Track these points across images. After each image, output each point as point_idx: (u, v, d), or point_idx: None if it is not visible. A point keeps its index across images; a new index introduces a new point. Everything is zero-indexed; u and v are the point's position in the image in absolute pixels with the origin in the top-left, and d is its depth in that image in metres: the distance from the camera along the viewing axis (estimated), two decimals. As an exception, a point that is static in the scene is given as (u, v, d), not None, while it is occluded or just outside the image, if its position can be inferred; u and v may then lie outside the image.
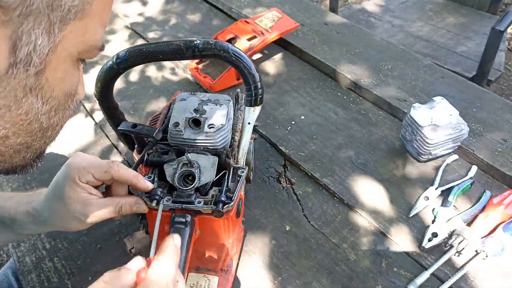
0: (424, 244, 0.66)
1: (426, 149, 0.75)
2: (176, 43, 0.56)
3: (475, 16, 1.77)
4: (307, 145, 0.85)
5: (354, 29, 1.15)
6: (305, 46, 1.08)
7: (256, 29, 1.02)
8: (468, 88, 0.94)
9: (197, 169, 0.55)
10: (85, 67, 1.13)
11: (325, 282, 0.64)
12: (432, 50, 1.59)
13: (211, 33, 1.18)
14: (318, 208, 0.74)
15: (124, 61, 0.57)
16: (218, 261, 0.61)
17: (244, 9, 1.23)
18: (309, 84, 1.00)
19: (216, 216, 0.53)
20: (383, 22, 1.78)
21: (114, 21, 1.31)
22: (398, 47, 1.08)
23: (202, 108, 0.61)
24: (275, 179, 0.79)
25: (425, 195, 0.73)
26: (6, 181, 0.85)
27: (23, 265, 0.69)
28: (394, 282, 0.63)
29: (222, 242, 0.58)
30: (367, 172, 0.79)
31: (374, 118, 0.90)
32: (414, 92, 0.93)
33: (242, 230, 0.69)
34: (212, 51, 0.56)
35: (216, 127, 0.58)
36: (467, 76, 1.43)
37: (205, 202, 0.53)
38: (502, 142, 0.81)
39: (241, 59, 0.56)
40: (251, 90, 0.59)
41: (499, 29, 1.30)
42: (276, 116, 0.92)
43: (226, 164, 0.59)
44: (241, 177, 0.57)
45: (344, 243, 0.69)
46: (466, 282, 0.62)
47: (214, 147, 0.59)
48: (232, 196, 0.54)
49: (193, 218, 0.53)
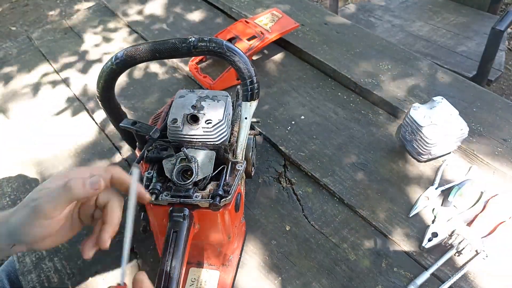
0: (424, 244, 0.66)
1: (426, 149, 0.75)
2: (171, 41, 0.57)
3: (475, 16, 1.77)
4: (307, 145, 0.85)
5: (354, 29, 1.15)
6: (305, 46, 1.08)
7: (256, 29, 1.02)
8: (468, 88, 0.94)
9: (195, 164, 0.56)
10: (86, 67, 1.14)
11: (325, 282, 0.64)
12: (432, 50, 1.59)
13: (211, 33, 1.18)
14: (318, 208, 0.74)
15: (122, 61, 0.58)
16: (219, 256, 0.62)
17: (244, 9, 1.23)
18: (309, 84, 1.00)
19: (213, 210, 0.54)
20: (383, 22, 1.78)
21: (114, 20, 1.31)
22: (398, 47, 1.08)
23: (200, 104, 0.61)
24: (275, 179, 0.79)
25: (425, 195, 0.73)
26: (6, 181, 0.85)
27: (23, 265, 0.69)
28: (394, 282, 0.63)
29: (222, 237, 0.58)
30: (367, 172, 0.79)
31: (374, 118, 0.90)
32: (414, 92, 0.93)
33: (243, 226, 0.69)
34: (206, 47, 0.56)
35: (214, 122, 0.59)
36: (467, 76, 1.43)
37: (202, 196, 0.54)
38: (502, 142, 0.81)
39: (235, 54, 0.57)
40: (246, 85, 0.59)
41: (499, 29, 1.30)
42: (276, 116, 0.92)
43: (225, 159, 0.59)
44: (239, 171, 0.58)
45: (344, 243, 0.69)
46: (466, 282, 0.62)
47: (212, 142, 0.60)
48: (230, 190, 0.55)
49: (191, 212, 0.54)
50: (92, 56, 1.18)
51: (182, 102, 0.62)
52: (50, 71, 1.14)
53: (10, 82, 1.12)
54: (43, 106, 1.03)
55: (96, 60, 1.16)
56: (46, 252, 0.71)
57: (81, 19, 1.34)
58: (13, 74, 1.14)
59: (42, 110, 1.02)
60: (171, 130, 0.60)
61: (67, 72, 1.13)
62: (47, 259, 0.70)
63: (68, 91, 1.07)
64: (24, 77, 1.13)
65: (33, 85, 1.10)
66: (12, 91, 1.09)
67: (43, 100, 1.05)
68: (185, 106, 0.61)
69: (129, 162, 0.85)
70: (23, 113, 1.02)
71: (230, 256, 0.65)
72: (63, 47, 1.22)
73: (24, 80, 1.12)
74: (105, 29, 1.28)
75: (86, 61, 1.16)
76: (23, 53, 1.22)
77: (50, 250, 0.71)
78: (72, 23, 1.32)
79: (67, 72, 1.13)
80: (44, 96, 1.06)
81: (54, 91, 1.07)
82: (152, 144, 0.61)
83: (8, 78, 1.13)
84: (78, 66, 1.15)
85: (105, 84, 0.62)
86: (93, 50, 1.20)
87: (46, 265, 0.69)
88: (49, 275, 0.68)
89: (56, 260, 0.70)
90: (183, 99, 0.62)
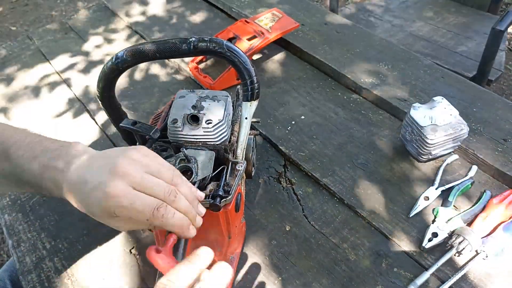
0: (424, 244, 0.66)
1: (426, 149, 0.75)
2: (172, 41, 0.57)
3: (475, 16, 1.77)
4: (307, 145, 0.85)
5: (354, 29, 1.15)
6: (305, 46, 1.08)
7: (256, 29, 1.02)
8: (468, 88, 0.94)
9: (195, 164, 0.56)
10: (87, 67, 1.14)
11: (325, 282, 0.64)
12: (432, 50, 1.59)
13: (212, 33, 1.18)
14: (318, 208, 0.74)
15: (122, 61, 0.58)
16: (219, 256, 0.62)
17: (244, 9, 1.23)
18: (309, 84, 1.00)
19: (214, 210, 0.54)
20: (383, 22, 1.78)
21: (115, 21, 1.31)
22: (398, 47, 1.08)
23: (200, 104, 0.61)
24: (275, 179, 0.79)
25: (425, 195, 0.73)
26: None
27: (23, 265, 0.69)
28: (394, 282, 0.63)
29: (222, 236, 0.58)
30: (367, 172, 0.79)
31: (374, 118, 0.90)
32: (414, 92, 0.93)
33: (244, 226, 0.69)
34: (207, 47, 0.56)
35: (214, 122, 0.59)
36: (467, 76, 1.43)
37: None
38: (502, 142, 0.81)
39: (235, 54, 0.57)
40: (247, 85, 0.59)
41: (499, 29, 1.30)
42: (276, 116, 0.92)
43: (225, 159, 0.59)
44: (239, 172, 0.58)
45: (344, 243, 0.69)
46: (466, 282, 0.62)
47: (212, 142, 0.60)
48: (230, 190, 0.55)
49: None
50: (92, 57, 1.18)
51: (182, 102, 0.62)
52: (50, 72, 1.14)
53: (10, 82, 1.12)
54: (44, 106, 1.03)
55: (96, 60, 1.16)
56: (46, 252, 0.71)
57: (81, 19, 1.34)
58: (14, 74, 1.14)
59: (43, 110, 1.02)
60: (171, 130, 0.60)
61: (67, 72, 1.13)
62: (47, 259, 0.70)
63: (69, 92, 1.07)
64: (24, 78, 1.13)
65: (34, 86, 1.10)
66: (13, 92, 1.09)
67: (44, 100, 1.05)
68: (185, 106, 0.61)
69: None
70: (24, 114, 1.02)
71: (231, 256, 0.65)
72: (63, 47, 1.22)
73: (25, 80, 1.12)
74: (105, 29, 1.28)
75: (86, 62, 1.16)
76: (23, 53, 1.22)
77: (51, 250, 0.71)
78: (72, 23, 1.32)
79: (67, 72, 1.13)
80: (45, 97, 1.06)
81: (55, 91, 1.07)
82: (152, 145, 0.61)
83: (9, 79, 1.13)
84: (79, 66, 1.15)
85: (105, 84, 0.62)
86: (93, 50, 1.20)
87: (46, 265, 0.69)
88: (49, 275, 0.68)
89: (56, 260, 0.70)
90: (183, 99, 0.62)
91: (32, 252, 0.71)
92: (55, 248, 0.71)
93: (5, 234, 0.75)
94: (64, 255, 0.70)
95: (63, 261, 0.70)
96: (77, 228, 0.74)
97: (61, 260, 0.70)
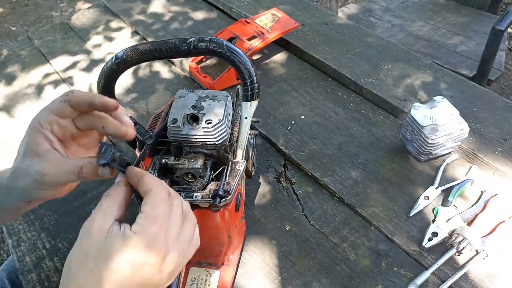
0: (424, 244, 0.66)
1: (426, 149, 0.75)
2: (171, 41, 0.57)
3: (475, 16, 1.77)
4: (307, 144, 0.85)
5: (354, 29, 1.15)
6: (305, 46, 1.08)
7: (256, 29, 1.02)
8: (468, 88, 0.94)
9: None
10: (88, 66, 1.14)
11: (325, 282, 0.64)
12: (432, 49, 1.59)
13: (212, 33, 1.18)
14: (318, 208, 0.74)
15: (122, 61, 0.58)
16: (219, 256, 0.62)
17: (244, 9, 1.24)
18: (309, 84, 1.00)
19: (213, 211, 0.54)
20: (383, 21, 1.78)
21: (114, 20, 1.32)
22: (398, 47, 1.08)
23: (200, 104, 0.61)
24: (275, 179, 0.79)
25: (425, 194, 0.73)
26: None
27: (23, 264, 0.69)
28: (394, 282, 0.63)
29: (222, 236, 0.58)
30: (367, 171, 0.79)
31: (374, 118, 0.90)
32: (414, 92, 0.93)
33: (244, 225, 0.69)
34: (207, 47, 0.56)
35: (214, 122, 0.59)
36: (468, 75, 1.43)
37: (203, 196, 0.54)
38: (502, 142, 0.81)
39: (235, 54, 0.57)
40: (247, 85, 0.59)
41: (499, 29, 1.30)
42: (276, 116, 0.92)
43: (225, 159, 0.59)
44: (239, 171, 0.58)
45: (344, 242, 0.69)
46: (466, 281, 0.62)
47: (212, 142, 0.60)
48: (230, 190, 0.54)
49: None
50: (92, 56, 1.18)
51: (182, 102, 0.62)
52: (50, 71, 1.14)
53: (12, 82, 1.12)
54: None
55: (96, 60, 1.16)
56: (46, 252, 0.71)
57: (81, 19, 1.34)
58: (15, 74, 1.14)
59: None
60: (171, 130, 0.60)
61: (68, 72, 1.13)
62: (47, 259, 0.70)
63: (68, 91, 1.07)
64: (25, 77, 1.13)
65: (35, 86, 1.10)
66: (14, 91, 1.09)
67: (44, 100, 1.05)
68: (185, 106, 0.61)
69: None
70: (27, 113, 1.02)
71: (231, 256, 0.65)
72: (63, 47, 1.22)
73: (26, 80, 1.12)
74: (105, 29, 1.28)
75: (87, 62, 1.16)
76: (23, 53, 1.22)
77: (50, 250, 0.71)
78: (72, 23, 1.32)
79: (68, 72, 1.13)
80: (46, 97, 1.06)
81: (56, 91, 1.07)
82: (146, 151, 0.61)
83: (10, 78, 1.13)
84: (79, 66, 1.15)
85: (105, 84, 0.62)
86: (93, 50, 1.20)
87: (46, 264, 0.69)
88: (49, 275, 0.68)
89: (56, 260, 0.70)
90: (183, 99, 0.62)
91: (32, 251, 0.71)
92: (55, 247, 0.71)
93: (5, 233, 0.75)
94: (64, 254, 0.70)
95: (63, 260, 0.70)
96: (77, 228, 0.74)
97: (61, 260, 0.70)
